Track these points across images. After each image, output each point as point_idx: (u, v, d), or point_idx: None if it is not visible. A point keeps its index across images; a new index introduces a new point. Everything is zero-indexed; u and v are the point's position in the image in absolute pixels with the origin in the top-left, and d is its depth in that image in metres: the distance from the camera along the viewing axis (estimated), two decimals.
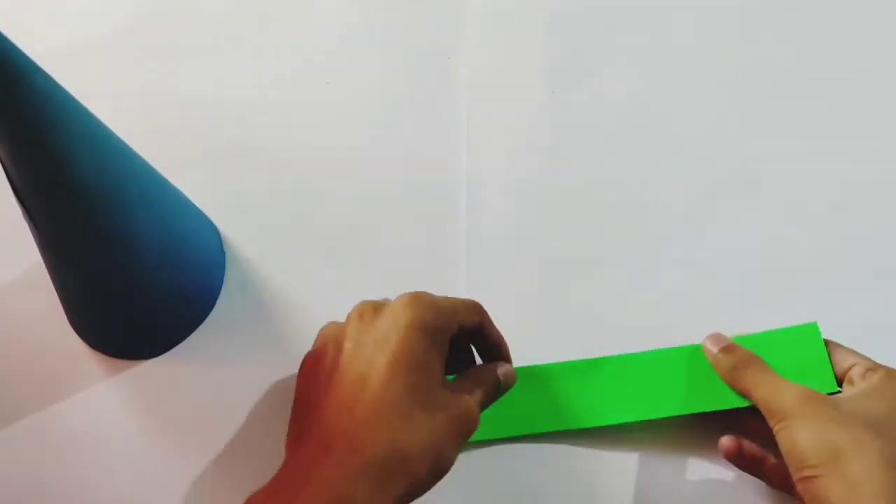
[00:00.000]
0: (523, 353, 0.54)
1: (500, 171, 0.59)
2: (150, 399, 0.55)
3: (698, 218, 0.57)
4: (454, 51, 0.63)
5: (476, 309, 0.45)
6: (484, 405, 0.43)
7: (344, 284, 0.57)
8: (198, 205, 0.57)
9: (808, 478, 0.39)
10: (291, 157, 0.61)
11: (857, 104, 0.60)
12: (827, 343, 0.48)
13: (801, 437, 0.40)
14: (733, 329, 0.50)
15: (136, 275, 0.51)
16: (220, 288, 0.57)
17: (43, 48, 0.44)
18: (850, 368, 0.45)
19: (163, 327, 0.55)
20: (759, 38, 0.62)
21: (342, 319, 0.56)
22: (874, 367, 0.45)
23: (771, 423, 0.42)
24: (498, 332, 0.46)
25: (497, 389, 0.45)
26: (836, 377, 0.46)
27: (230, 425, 0.54)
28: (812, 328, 0.48)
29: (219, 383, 0.55)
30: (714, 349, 0.48)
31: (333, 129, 0.62)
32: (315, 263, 0.57)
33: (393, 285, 0.57)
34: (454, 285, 0.56)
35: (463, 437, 0.40)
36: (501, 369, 0.45)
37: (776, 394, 0.43)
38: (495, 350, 0.46)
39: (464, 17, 0.64)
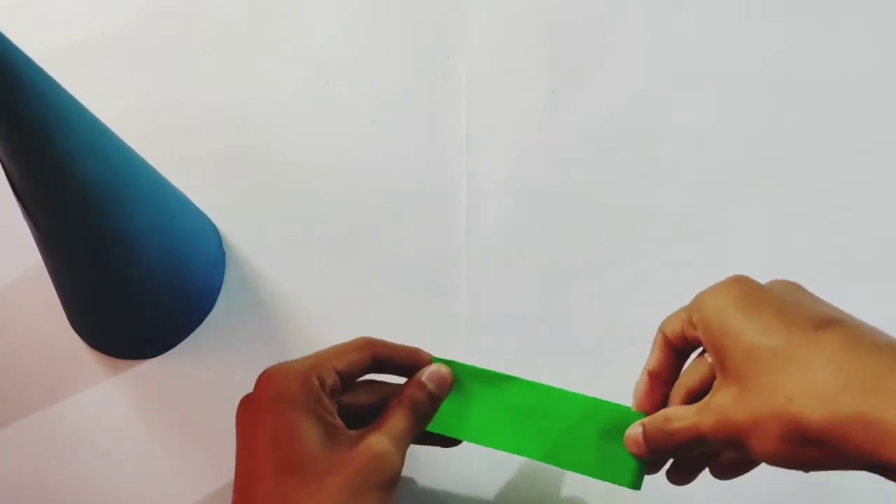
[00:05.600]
0: (523, 353, 0.54)
1: (500, 171, 0.59)
2: (150, 399, 0.55)
3: (698, 218, 0.57)
4: (454, 51, 0.63)
5: (360, 345, 0.42)
6: (416, 424, 0.41)
7: (344, 284, 0.57)
8: (198, 205, 0.57)
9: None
10: (291, 158, 0.61)
11: (857, 104, 0.60)
12: (667, 320, 0.41)
13: (762, 437, 0.34)
14: None
15: (136, 275, 0.51)
16: (219, 288, 0.57)
17: (43, 49, 0.44)
18: (684, 333, 0.39)
19: (163, 327, 0.55)
20: (759, 38, 0.62)
21: (342, 319, 0.56)
22: (684, 314, 0.39)
23: (733, 448, 0.36)
24: (404, 349, 0.43)
25: (429, 399, 0.42)
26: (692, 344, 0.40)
27: (230, 425, 0.53)
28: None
29: (218, 383, 0.55)
30: (631, 434, 0.41)
31: (333, 129, 0.62)
32: (315, 263, 0.57)
33: (393, 285, 0.57)
34: (454, 285, 0.56)
35: (374, 482, 0.37)
36: (424, 376, 0.42)
37: (709, 423, 0.36)
38: (410, 367, 0.43)
39: (464, 17, 0.64)
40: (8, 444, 0.54)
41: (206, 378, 0.55)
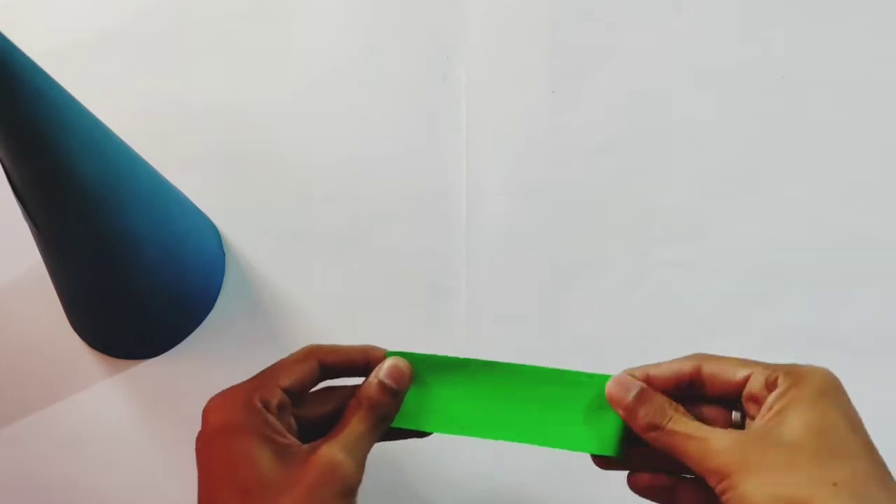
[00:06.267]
0: (523, 353, 0.53)
1: (500, 171, 0.59)
2: (149, 399, 0.55)
3: (698, 218, 0.57)
4: (454, 51, 0.63)
5: (303, 355, 0.41)
6: (377, 423, 0.40)
7: (344, 284, 0.57)
8: (198, 205, 0.57)
9: None
10: (291, 158, 0.61)
11: (857, 104, 0.60)
12: (708, 361, 0.40)
13: (753, 496, 0.34)
14: (726, 332, 0.50)
15: (136, 275, 0.51)
16: (219, 288, 0.57)
17: (43, 49, 0.44)
18: (745, 381, 0.39)
19: (163, 327, 0.55)
20: (759, 38, 0.62)
21: (341, 319, 0.56)
22: (771, 371, 0.38)
23: (711, 483, 0.36)
24: (354, 349, 0.42)
25: (388, 395, 0.40)
26: (732, 395, 0.40)
27: None
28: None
29: (218, 383, 0.54)
30: (626, 397, 0.40)
31: (333, 129, 0.62)
32: (315, 263, 0.57)
33: (393, 285, 0.57)
34: (454, 285, 0.56)
35: (330, 493, 0.37)
36: (381, 373, 0.40)
37: (708, 448, 0.37)
38: (364, 367, 0.42)
39: (464, 17, 0.64)
40: (8, 444, 0.54)
41: (206, 378, 0.55)
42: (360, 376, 0.42)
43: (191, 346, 0.56)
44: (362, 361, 0.42)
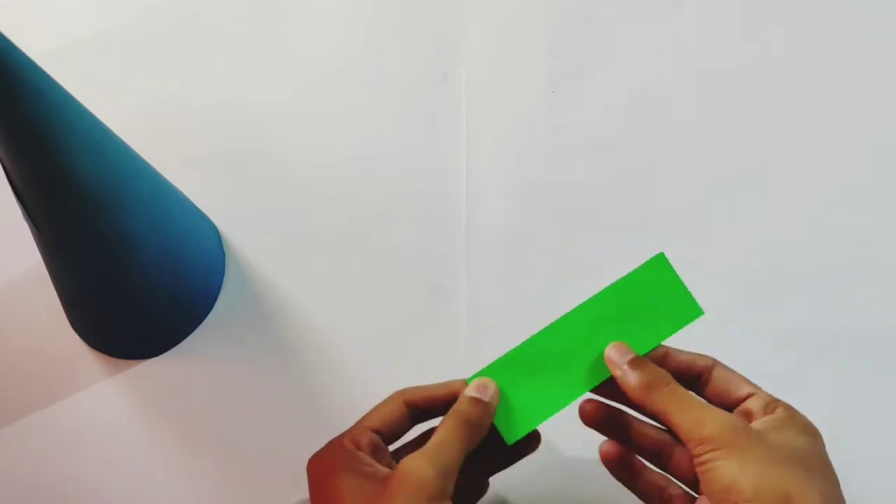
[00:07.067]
0: None
1: (500, 171, 0.59)
2: (150, 399, 0.55)
3: (698, 218, 0.57)
4: (454, 51, 0.63)
5: (391, 398, 0.43)
6: (468, 431, 0.41)
7: (344, 285, 0.57)
8: (198, 205, 0.57)
9: None
10: (291, 158, 0.61)
11: (857, 104, 0.60)
12: (720, 367, 0.43)
13: (742, 475, 0.36)
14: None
15: (136, 275, 0.51)
16: (219, 288, 0.57)
17: (43, 49, 0.44)
18: (746, 398, 0.41)
19: (163, 327, 0.55)
20: (759, 38, 0.62)
21: (341, 319, 0.56)
22: (773, 401, 0.41)
23: (695, 450, 0.38)
24: (437, 386, 0.44)
25: (475, 404, 0.42)
26: (728, 404, 0.42)
27: (229, 425, 0.54)
28: (660, 260, 0.45)
29: (218, 383, 0.55)
30: (621, 362, 0.42)
31: (333, 129, 0.62)
32: (315, 264, 0.57)
33: (393, 285, 0.57)
34: (454, 285, 0.56)
35: (410, 499, 0.38)
36: (467, 390, 0.42)
37: (700, 420, 0.39)
38: (447, 398, 0.43)
39: (464, 17, 0.64)
40: (8, 444, 0.54)
41: (206, 378, 0.55)
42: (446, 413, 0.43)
43: (191, 346, 0.56)
44: (445, 393, 0.43)
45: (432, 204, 0.59)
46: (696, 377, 0.43)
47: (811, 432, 0.39)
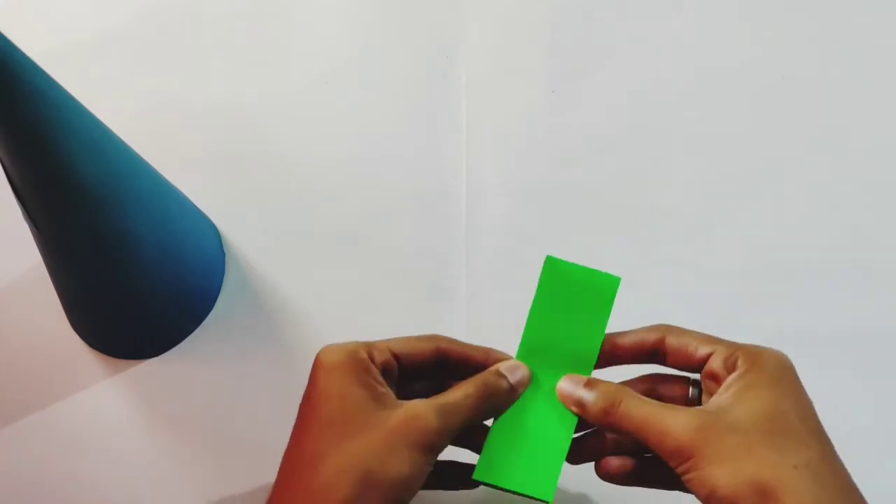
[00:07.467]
0: None
1: (500, 171, 0.59)
2: (150, 399, 0.55)
3: (698, 218, 0.57)
4: (454, 50, 0.63)
5: (425, 336, 0.43)
6: (483, 402, 0.40)
7: (344, 284, 0.57)
8: (198, 205, 0.57)
9: None
10: (291, 157, 0.61)
11: (858, 104, 0.60)
12: (673, 333, 0.41)
13: (717, 480, 0.36)
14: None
15: (136, 275, 0.51)
16: (219, 288, 0.57)
17: (43, 49, 0.44)
18: (706, 357, 0.40)
19: (163, 327, 0.55)
20: (759, 38, 0.62)
21: (341, 319, 0.56)
22: (732, 352, 0.39)
23: (672, 464, 0.37)
24: (476, 347, 0.43)
25: (503, 385, 0.41)
26: (692, 368, 0.41)
27: (229, 425, 0.54)
28: (550, 262, 0.44)
29: (218, 383, 0.55)
30: (573, 397, 0.41)
31: (333, 129, 0.62)
32: (315, 263, 0.57)
33: (393, 285, 0.57)
34: (454, 285, 0.56)
35: (407, 442, 0.38)
36: (501, 365, 0.42)
37: (665, 430, 0.37)
38: (481, 363, 0.43)
39: (464, 17, 0.64)
40: (8, 444, 0.54)
41: (206, 378, 0.55)
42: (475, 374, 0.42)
43: (191, 346, 0.56)
44: (481, 358, 0.43)
45: (432, 204, 0.59)
46: (651, 353, 0.41)
47: (775, 379, 0.38)
